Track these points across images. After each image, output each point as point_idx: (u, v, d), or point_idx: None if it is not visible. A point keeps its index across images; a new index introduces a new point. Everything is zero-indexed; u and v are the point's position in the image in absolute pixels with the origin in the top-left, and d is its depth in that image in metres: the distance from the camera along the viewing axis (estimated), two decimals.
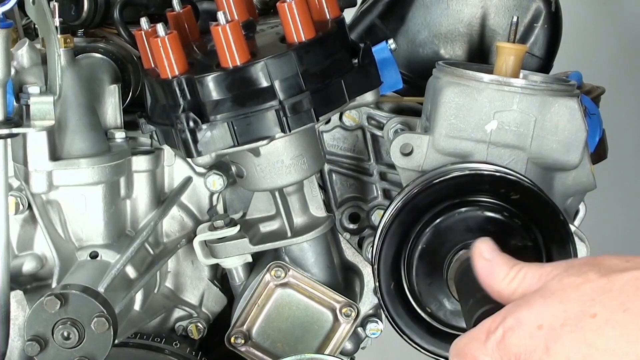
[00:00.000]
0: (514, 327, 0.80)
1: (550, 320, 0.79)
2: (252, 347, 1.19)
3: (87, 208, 1.15)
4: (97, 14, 1.20)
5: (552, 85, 1.11)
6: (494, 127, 1.10)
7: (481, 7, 1.27)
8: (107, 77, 1.19)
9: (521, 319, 0.80)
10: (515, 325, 0.80)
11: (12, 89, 1.09)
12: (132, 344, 1.18)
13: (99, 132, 1.15)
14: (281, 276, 1.17)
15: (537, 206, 1.04)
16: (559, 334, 0.78)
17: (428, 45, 1.28)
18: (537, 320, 0.79)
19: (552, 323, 0.78)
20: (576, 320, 0.78)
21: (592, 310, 0.77)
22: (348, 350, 1.26)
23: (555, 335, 0.78)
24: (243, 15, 1.10)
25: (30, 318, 1.06)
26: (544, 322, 0.79)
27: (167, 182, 1.24)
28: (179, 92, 1.03)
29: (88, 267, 1.14)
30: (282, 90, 1.03)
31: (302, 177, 1.12)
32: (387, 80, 1.15)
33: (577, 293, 0.79)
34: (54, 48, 1.08)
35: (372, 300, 1.28)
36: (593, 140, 1.25)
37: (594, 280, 0.79)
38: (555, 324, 0.78)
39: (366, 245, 1.28)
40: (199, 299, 1.26)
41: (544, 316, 0.79)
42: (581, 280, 0.80)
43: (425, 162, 1.13)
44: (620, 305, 0.76)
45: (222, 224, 1.17)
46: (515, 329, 0.80)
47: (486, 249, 0.88)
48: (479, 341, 0.82)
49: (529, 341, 0.79)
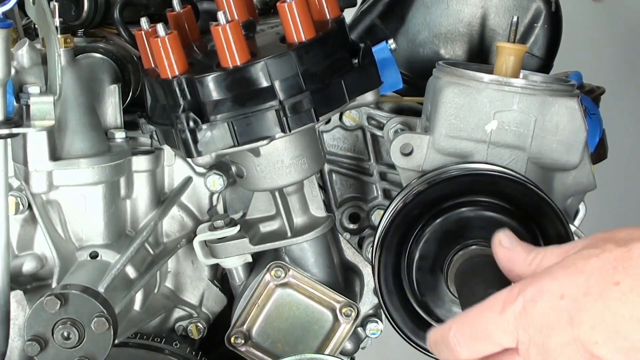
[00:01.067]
0: (535, 298, 0.79)
1: (572, 290, 0.78)
2: (252, 347, 1.19)
3: (87, 208, 1.15)
4: (97, 14, 1.20)
5: (552, 85, 1.11)
6: (494, 127, 1.10)
7: (481, 7, 1.27)
8: (107, 77, 1.19)
9: (542, 290, 0.79)
10: (536, 296, 0.79)
11: (12, 89, 1.09)
12: (132, 344, 1.18)
13: (99, 132, 1.15)
14: (281, 276, 1.17)
15: (537, 206, 1.04)
16: (582, 303, 0.77)
17: (428, 45, 1.28)
18: (559, 290, 0.78)
19: (575, 293, 0.77)
20: (599, 289, 0.77)
21: (615, 278, 0.77)
22: (348, 350, 1.26)
23: (578, 305, 0.77)
24: (243, 15, 1.10)
25: (30, 318, 1.06)
26: (566, 292, 0.78)
27: (167, 182, 1.24)
28: (179, 92, 1.03)
29: (88, 267, 1.14)
30: (282, 90, 1.03)
31: (302, 177, 1.12)
32: (387, 80, 1.15)
33: (599, 262, 0.78)
34: (54, 48, 1.08)
35: (372, 300, 1.28)
36: (593, 140, 1.25)
37: (613, 250, 0.79)
38: (578, 293, 0.77)
39: (366, 245, 1.28)
40: (199, 299, 1.26)
41: (566, 286, 0.78)
42: (600, 251, 0.79)
43: (425, 162, 1.13)
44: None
45: (222, 224, 1.17)
46: (536, 299, 0.79)
47: (505, 238, 0.89)
48: (493, 312, 0.80)
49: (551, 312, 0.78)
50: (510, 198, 1.05)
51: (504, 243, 0.89)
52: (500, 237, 0.89)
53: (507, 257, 0.88)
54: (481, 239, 1.04)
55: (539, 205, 1.04)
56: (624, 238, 0.80)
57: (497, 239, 0.89)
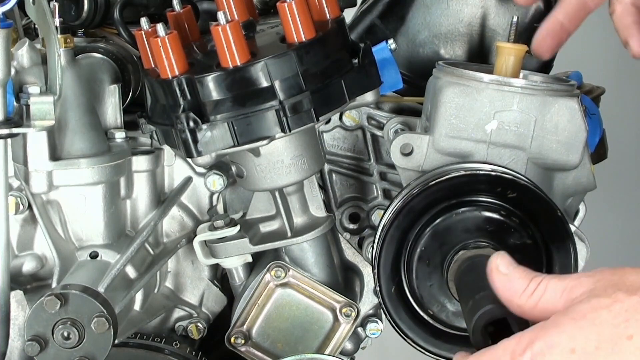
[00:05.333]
0: (544, 352, 0.76)
1: (583, 344, 0.75)
2: (252, 347, 1.19)
3: (87, 208, 1.15)
4: (97, 14, 1.20)
5: (552, 85, 1.11)
6: (494, 127, 1.10)
7: (481, 7, 1.27)
8: (107, 77, 1.19)
9: (552, 343, 0.76)
10: (545, 350, 0.76)
11: (12, 89, 1.09)
12: (132, 344, 1.18)
13: (99, 132, 1.15)
14: (281, 276, 1.17)
15: (536, 206, 1.04)
16: (594, 357, 0.75)
17: (428, 45, 1.28)
18: (570, 344, 0.76)
19: (586, 346, 0.75)
20: (612, 343, 0.75)
21: (628, 332, 0.75)
22: (348, 350, 1.26)
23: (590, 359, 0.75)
24: (243, 15, 1.10)
25: (30, 318, 1.06)
26: (577, 345, 0.75)
27: (167, 182, 1.24)
28: (179, 92, 1.03)
29: (88, 267, 1.14)
30: (282, 90, 1.03)
31: (302, 177, 1.12)
32: (387, 80, 1.15)
33: (610, 315, 0.76)
34: (54, 48, 1.08)
35: (372, 300, 1.28)
36: (593, 140, 1.25)
37: (624, 300, 0.76)
38: (589, 347, 0.75)
39: (366, 245, 1.28)
40: (199, 299, 1.26)
41: (576, 340, 0.76)
42: (611, 301, 0.76)
43: (425, 162, 1.13)
44: None
45: (222, 224, 1.17)
46: (545, 353, 0.76)
47: (502, 263, 0.86)
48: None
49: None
50: (510, 198, 1.05)
51: (501, 269, 0.85)
52: (497, 262, 0.86)
53: (506, 286, 0.84)
54: (481, 239, 1.04)
55: (539, 205, 1.04)
56: (635, 284, 0.77)
57: (494, 265, 0.86)
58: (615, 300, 0.77)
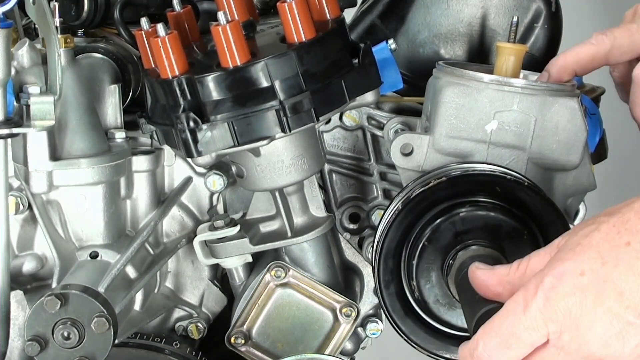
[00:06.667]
0: (556, 284, 0.78)
1: (589, 264, 0.77)
2: (252, 347, 1.19)
3: (87, 208, 1.15)
4: (97, 14, 1.20)
5: (552, 85, 1.11)
6: (494, 127, 1.10)
7: (481, 7, 1.27)
8: (107, 77, 1.19)
9: (560, 274, 0.78)
10: (555, 282, 0.78)
11: (12, 89, 1.09)
12: (132, 344, 1.18)
13: (99, 132, 1.15)
14: (281, 276, 1.17)
15: (536, 206, 1.04)
16: (603, 272, 0.77)
17: (428, 45, 1.28)
18: (576, 268, 0.78)
19: (593, 266, 0.77)
20: (614, 254, 0.77)
21: (624, 240, 0.77)
22: (348, 350, 1.26)
23: (600, 275, 0.77)
24: (243, 15, 1.10)
25: (31, 318, 1.06)
26: (584, 267, 0.77)
27: (167, 182, 1.24)
28: (179, 92, 1.03)
29: (88, 267, 1.14)
30: (283, 90, 1.03)
31: (302, 177, 1.12)
32: (387, 80, 1.15)
33: (601, 233, 0.78)
34: (54, 48, 1.08)
35: (372, 300, 1.28)
36: (593, 140, 1.25)
37: (607, 219, 0.79)
38: (596, 265, 0.77)
39: (366, 245, 1.28)
40: (199, 299, 1.26)
41: (582, 263, 0.78)
42: (596, 225, 0.79)
43: (425, 162, 1.13)
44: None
45: (222, 224, 1.17)
46: (557, 285, 0.78)
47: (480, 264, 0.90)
48: (516, 314, 0.79)
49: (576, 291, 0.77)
50: (510, 198, 1.05)
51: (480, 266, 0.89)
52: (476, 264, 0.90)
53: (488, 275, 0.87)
54: (481, 239, 1.04)
55: (539, 205, 1.04)
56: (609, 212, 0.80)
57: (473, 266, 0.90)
58: (601, 223, 0.80)
